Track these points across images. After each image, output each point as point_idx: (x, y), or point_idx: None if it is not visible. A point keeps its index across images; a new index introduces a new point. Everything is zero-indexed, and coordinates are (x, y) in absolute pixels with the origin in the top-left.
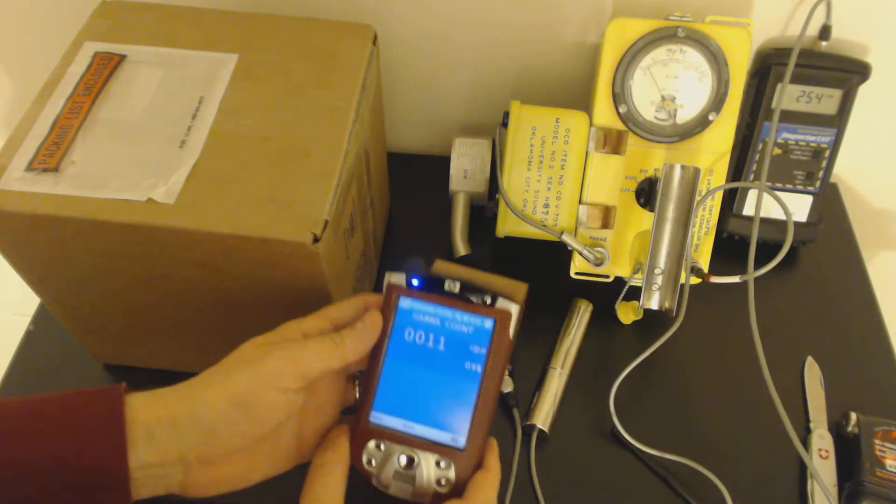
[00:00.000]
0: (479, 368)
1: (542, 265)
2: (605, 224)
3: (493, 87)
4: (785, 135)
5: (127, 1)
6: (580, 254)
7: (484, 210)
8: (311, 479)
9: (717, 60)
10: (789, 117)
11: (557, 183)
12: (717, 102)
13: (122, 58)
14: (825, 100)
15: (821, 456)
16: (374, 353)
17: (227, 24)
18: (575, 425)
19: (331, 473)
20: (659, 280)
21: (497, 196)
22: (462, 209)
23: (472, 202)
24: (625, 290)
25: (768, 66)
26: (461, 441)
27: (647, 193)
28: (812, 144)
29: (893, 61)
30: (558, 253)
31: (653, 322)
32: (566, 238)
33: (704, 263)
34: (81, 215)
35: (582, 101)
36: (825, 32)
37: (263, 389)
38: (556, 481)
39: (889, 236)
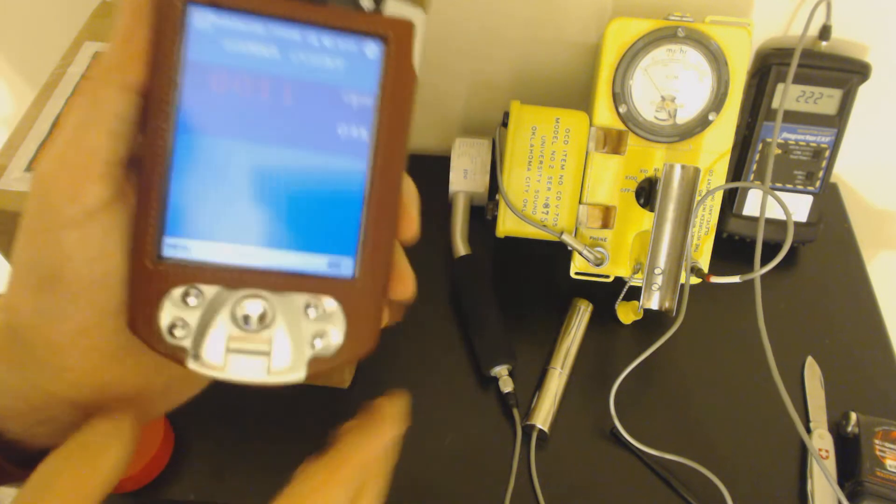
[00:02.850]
0: (366, 133)
1: (542, 265)
2: (605, 224)
3: (493, 87)
4: (785, 135)
5: None
6: (580, 254)
7: (484, 210)
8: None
9: (717, 60)
10: (789, 117)
11: (557, 183)
12: (717, 102)
13: None
14: (825, 100)
15: (821, 456)
16: (152, 123)
17: None
18: (575, 425)
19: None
20: (659, 280)
21: (497, 196)
22: (462, 209)
23: (472, 202)
24: (625, 290)
25: (768, 66)
26: (348, 265)
27: (647, 193)
28: (812, 144)
29: (893, 61)
30: (558, 253)
31: (653, 322)
32: (566, 238)
33: (704, 263)
34: None
35: (582, 101)
36: (825, 32)
37: None
38: (557, 481)
39: (889, 236)
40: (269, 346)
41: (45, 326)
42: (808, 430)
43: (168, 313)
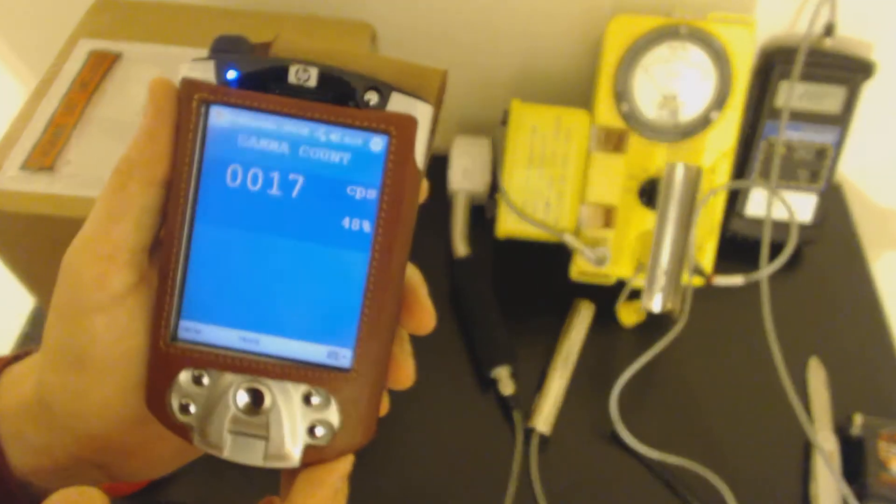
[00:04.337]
0: (369, 226)
1: (542, 266)
2: (607, 224)
3: (493, 85)
4: (788, 133)
5: None
6: (581, 254)
7: (484, 210)
8: None
9: (720, 58)
10: (793, 115)
11: (558, 182)
12: (719, 101)
13: (118, 56)
14: (829, 98)
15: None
16: (172, 214)
17: (224, 21)
18: (576, 428)
19: None
20: (661, 281)
21: (497, 196)
22: (462, 209)
23: (472, 202)
24: (627, 290)
25: (772, 64)
26: (346, 356)
27: (648, 193)
28: (816, 143)
29: None
30: (559, 253)
31: (655, 323)
32: (567, 238)
33: (707, 264)
34: (77, 215)
35: (583, 99)
36: (829, 30)
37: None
38: (558, 484)
39: (894, 236)
40: (267, 431)
41: (73, 401)
42: None
43: (178, 392)
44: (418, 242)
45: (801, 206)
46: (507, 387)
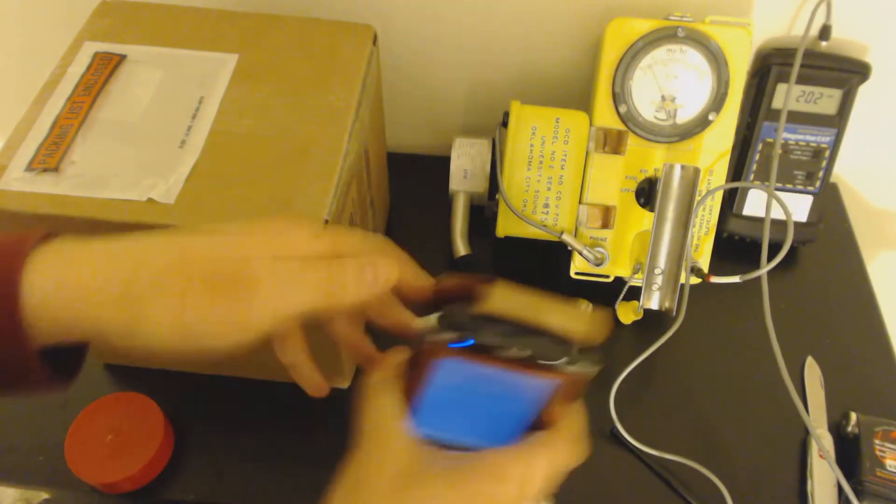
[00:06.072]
0: (527, 423)
1: (542, 265)
2: (605, 224)
3: (493, 87)
4: (785, 135)
5: (127, 1)
6: (580, 254)
7: (484, 210)
8: (367, 399)
9: (717, 60)
10: (789, 117)
11: (557, 183)
12: (717, 102)
13: (122, 58)
14: (825, 100)
15: (820, 456)
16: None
17: (227, 24)
18: None
19: (390, 391)
20: (659, 280)
21: (497, 196)
22: (462, 209)
23: (472, 202)
24: (625, 290)
25: (768, 66)
26: None
27: (647, 193)
28: (812, 144)
29: (893, 61)
30: (558, 253)
31: (653, 322)
32: (566, 238)
33: (704, 263)
34: (81, 215)
35: (582, 101)
36: (825, 32)
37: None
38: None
39: (889, 236)
40: None
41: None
42: (807, 431)
43: None
44: (419, 242)
45: (797, 206)
46: None
